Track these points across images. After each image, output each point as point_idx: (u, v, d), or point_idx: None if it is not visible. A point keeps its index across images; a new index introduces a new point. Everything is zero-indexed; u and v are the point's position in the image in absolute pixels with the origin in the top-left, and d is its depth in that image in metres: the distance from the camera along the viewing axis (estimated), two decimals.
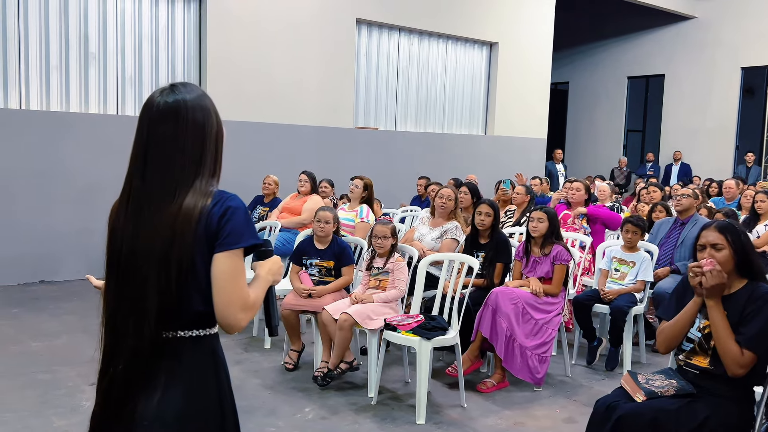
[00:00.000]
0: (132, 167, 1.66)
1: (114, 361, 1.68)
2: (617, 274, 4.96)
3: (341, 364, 4.30)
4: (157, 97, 1.66)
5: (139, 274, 1.61)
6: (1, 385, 4.12)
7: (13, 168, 6.78)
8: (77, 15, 7.30)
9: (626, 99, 15.41)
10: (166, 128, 1.63)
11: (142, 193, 1.64)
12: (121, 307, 1.66)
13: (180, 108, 1.64)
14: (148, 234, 1.61)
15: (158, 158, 1.63)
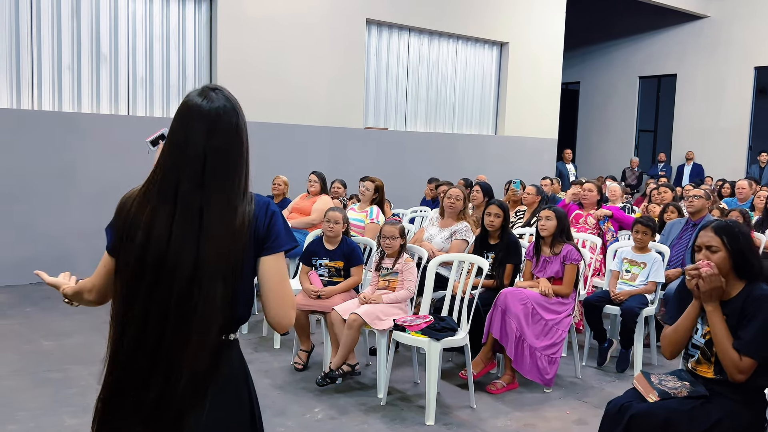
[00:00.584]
0: (177, 172, 1.60)
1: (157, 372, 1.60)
2: (628, 275, 4.93)
3: (344, 366, 4.29)
4: (204, 102, 1.64)
5: (192, 280, 1.57)
6: (14, 384, 4.15)
7: (25, 168, 6.83)
8: (89, 16, 7.35)
9: (638, 99, 15.33)
10: (223, 136, 1.64)
11: (195, 199, 1.59)
12: (165, 315, 1.58)
13: (232, 115, 1.66)
14: (207, 241, 1.58)
15: (216, 166, 1.62)
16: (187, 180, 1.60)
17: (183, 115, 1.64)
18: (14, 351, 4.78)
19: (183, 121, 1.64)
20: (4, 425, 3.55)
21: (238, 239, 1.61)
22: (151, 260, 1.59)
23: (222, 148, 1.63)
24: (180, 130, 1.64)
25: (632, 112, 15.37)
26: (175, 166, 1.61)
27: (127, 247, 1.63)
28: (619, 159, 15.03)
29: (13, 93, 6.97)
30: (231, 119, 1.65)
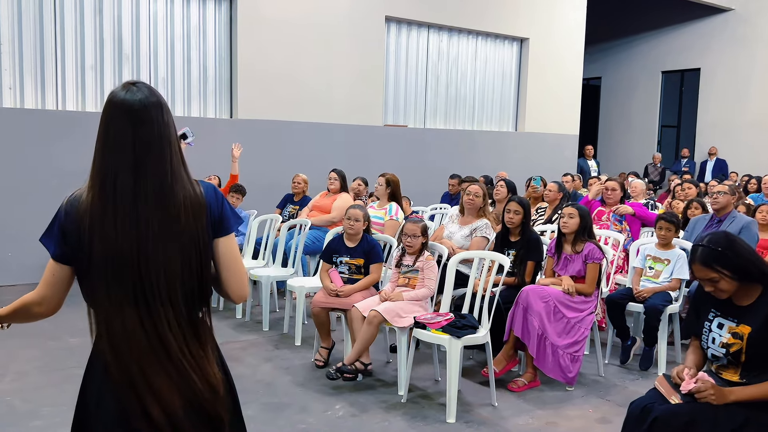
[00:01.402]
0: (111, 166, 1.66)
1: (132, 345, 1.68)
2: (651, 272, 4.87)
3: (357, 363, 4.28)
4: (128, 95, 1.67)
5: (162, 268, 1.66)
6: (40, 380, 4.22)
7: (50, 168, 6.93)
8: (111, 16, 7.43)
9: (660, 94, 15.13)
10: (151, 126, 1.68)
11: (138, 190, 1.65)
12: (140, 301, 1.66)
13: (157, 105, 1.70)
14: (164, 227, 1.66)
15: (151, 154, 1.67)
16: (124, 171, 1.65)
17: (110, 111, 1.68)
18: (39, 348, 4.85)
19: (111, 116, 1.68)
20: (30, 420, 3.61)
21: (197, 221, 1.70)
22: (114, 256, 1.64)
23: (152, 137, 1.67)
24: (109, 126, 1.68)
25: (654, 108, 15.17)
26: (109, 161, 1.66)
27: (90, 250, 1.65)
28: (642, 155, 14.85)
29: (38, 94, 7.08)
30: (162, 108, 1.71)
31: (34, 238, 6.42)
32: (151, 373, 1.67)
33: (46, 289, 1.74)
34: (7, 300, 2.15)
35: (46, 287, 1.74)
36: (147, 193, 1.66)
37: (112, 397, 1.70)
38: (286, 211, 7.17)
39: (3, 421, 3.61)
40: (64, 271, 1.72)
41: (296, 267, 5.83)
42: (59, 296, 1.75)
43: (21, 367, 4.43)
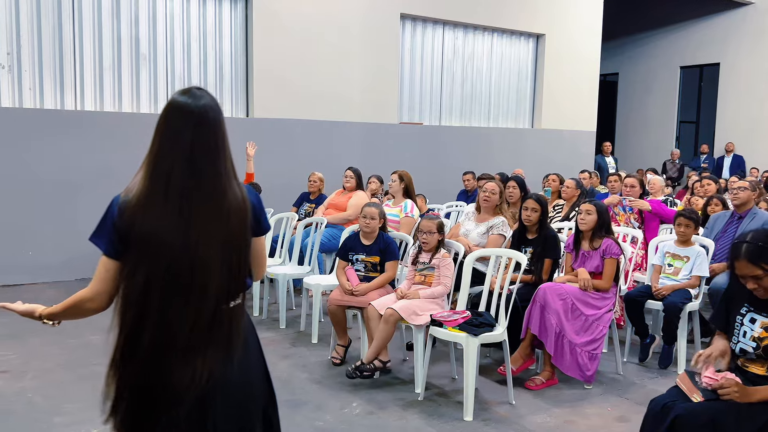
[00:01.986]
0: (169, 165, 1.74)
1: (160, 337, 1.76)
2: (671, 269, 4.82)
3: (375, 361, 4.28)
4: (189, 99, 1.78)
5: (210, 263, 1.75)
6: (62, 377, 4.27)
7: (69, 167, 7.01)
8: (128, 17, 7.49)
9: (679, 89, 14.96)
10: (207, 129, 1.78)
11: (194, 190, 1.75)
12: (177, 289, 1.74)
13: (216, 109, 1.81)
14: (215, 227, 1.76)
15: (207, 157, 1.77)
16: (180, 172, 1.74)
17: (169, 113, 1.78)
18: (60, 345, 4.91)
19: (170, 118, 1.77)
20: (51, 417, 3.65)
21: (243, 221, 1.82)
22: (165, 251, 1.73)
23: (208, 140, 1.78)
24: (168, 127, 1.77)
25: (673, 103, 15.01)
26: (167, 161, 1.75)
27: (141, 246, 1.73)
28: (660, 151, 14.70)
29: (57, 94, 7.16)
30: (217, 113, 1.81)
31: (53, 238, 6.56)
32: (178, 359, 1.76)
33: (99, 285, 1.80)
34: (26, 298, 2.18)
35: (100, 283, 1.80)
36: (202, 194, 1.75)
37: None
38: (303, 209, 7.19)
39: (26, 417, 3.66)
40: (116, 267, 1.78)
41: (312, 265, 5.84)
42: (112, 292, 1.81)
43: (42, 365, 4.49)
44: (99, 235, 1.80)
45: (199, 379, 1.76)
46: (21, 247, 6.83)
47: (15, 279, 6.82)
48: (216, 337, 1.80)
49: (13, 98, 6.93)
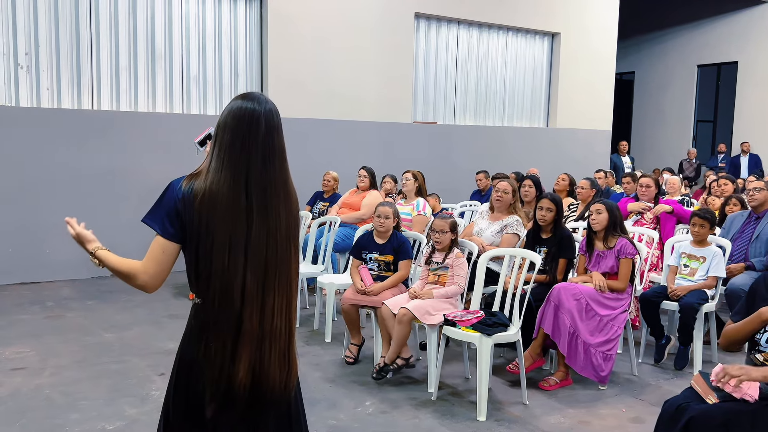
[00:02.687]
0: (244, 162, 1.86)
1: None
2: (687, 269, 4.78)
3: (398, 360, 4.30)
4: (256, 105, 1.91)
5: (280, 248, 1.89)
6: (76, 374, 4.31)
7: (85, 166, 7.08)
8: (145, 17, 7.55)
9: (696, 88, 14.80)
10: (275, 131, 1.92)
11: (269, 186, 1.89)
12: (255, 277, 1.85)
13: (278, 113, 1.96)
14: (281, 214, 1.90)
15: (275, 157, 1.91)
16: (257, 164, 1.87)
17: (242, 116, 1.89)
18: (77, 343, 4.96)
19: (242, 123, 1.88)
20: (67, 414, 3.69)
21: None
22: (240, 238, 1.84)
23: (274, 142, 1.92)
24: (242, 127, 1.88)
25: (690, 102, 14.85)
26: (240, 159, 1.86)
27: (214, 229, 1.83)
28: (676, 150, 14.55)
29: (74, 94, 7.23)
30: (277, 117, 1.95)
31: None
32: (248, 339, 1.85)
33: (152, 265, 1.87)
34: (45, 296, 2.21)
35: (153, 263, 1.87)
36: (276, 186, 1.90)
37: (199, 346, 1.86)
38: (316, 208, 7.21)
39: (42, 413, 3.70)
40: (172, 248, 1.87)
41: (326, 264, 5.85)
42: (164, 273, 1.88)
43: (59, 362, 4.54)
44: (154, 217, 1.87)
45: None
46: (39, 246, 6.90)
47: (34, 277, 6.89)
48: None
49: (31, 98, 7.01)
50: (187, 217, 1.84)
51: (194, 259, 1.86)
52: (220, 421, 1.87)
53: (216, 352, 1.82)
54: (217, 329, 1.83)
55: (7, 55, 6.85)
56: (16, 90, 6.93)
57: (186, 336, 1.93)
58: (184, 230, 1.85)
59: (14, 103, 6.91)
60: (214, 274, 1.82)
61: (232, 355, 1.83)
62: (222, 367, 1.82)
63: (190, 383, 1.88)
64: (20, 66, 6.92)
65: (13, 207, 6.77)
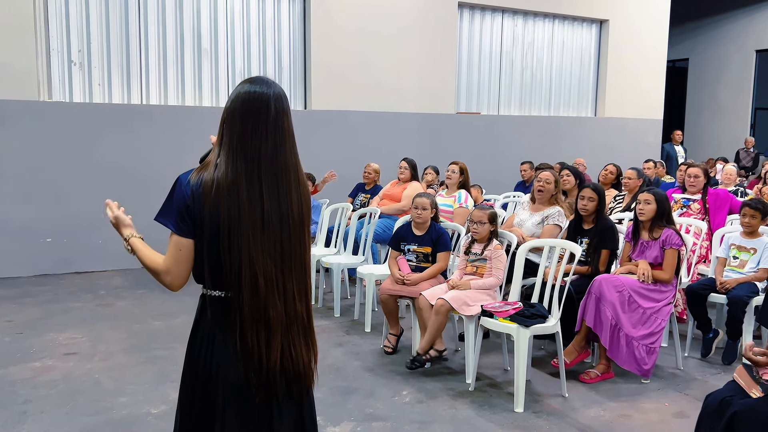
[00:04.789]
0: (254, 148, 1.84)
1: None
2: (736, 261, 4.62)
3: (431, 351, 4.29)
4: (263, 88, 1.88)
5: (294, 232, 1.89)
6: (125, 360, 4.47)
7: (135, 159, 7.29)
8: (191, 13, 7.71)
9: (754, 74, 14.21)
10: (283, 114, 1.89)
11: (279, 171, 1.87)
12: (275, 263, 1.86)
13: (285, 96, 1.93)
14: (293, 198, 1.89)
15: (285, 142, 1.89)
16: (267, 152, 1.85)
17: (250, 101, 1.86)
18: (126, 330, 5.14)
19: (251, 108, 1.86)
20: (115, 398, 3.83)
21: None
22: (256, 219, 1.83)
23: (282, 125, 1.89)
24: (251, 113, 1.85)
25: (748, 89, 14.28)
26: (251, 144, 1.84)
27: (231, 226, 1.81)
28: (733, 139, 14.02)
29: (124, 89, 7.45)
30: (285, 101, 1.93)
31: None
32: (277, 321, 1.87)
33: (172, 264, 1.86)
34: (98, 285, 2.29)
35: (172, 261, 1.86)
36: (287, 170, 1.88)
37: (232, 340, 1.86)
38: (358, 200, 7.24)
39: (92, 396, 3.85)
40: (188, 244, 1.85)
41: (366, 255, 5.89)
42: (186, 270, 1.87)
43: (109, 348, 4.71)
44: (166, 214, 1.85)
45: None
46: (92, 236, 7.16)
47: (87, 266, 7.16)
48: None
49: (84, 94, 7.26)
50: (198, 211, 1.81)
51: (214, 254, 1.82)
52: (230, 418, 1.88)
53: (253, 342, 1.83)
54: (251, 319, 1.83)
55: (61, 53, 7.10)
56: (69, 86, 7.19)
57: (201, 330, 1.93)
58: (196, 225, 1.82)
59: (68, 99, 7.17)
60: (243, 265, 1.80)
61: (267, 341, 1.84)
62: (260, 356, 1.83)
63: (205, 377, 1.89)
64: (73, 63, 7.17)
65: (68, 199, 7.04)
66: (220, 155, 1.86)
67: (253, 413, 1.89)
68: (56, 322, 5.32)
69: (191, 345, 1.96)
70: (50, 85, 7.08)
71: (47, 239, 7.00)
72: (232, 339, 1.85)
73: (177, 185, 1.86)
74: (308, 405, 2.01)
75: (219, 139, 1.89)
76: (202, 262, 1.86)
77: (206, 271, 1.85)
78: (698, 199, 5.63)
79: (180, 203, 1.83)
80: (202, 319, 1.93)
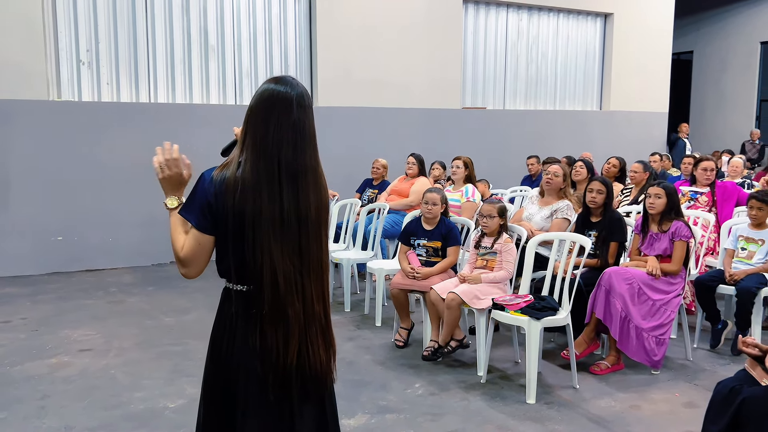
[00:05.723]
0: (278, 149, 1.86)
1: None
2: (744, 253, 4.64)
3: (451, 342, 4.36)
4: (287, 89, 1.91)
5: (312, 233, 1.91)
6: (139, 356, 4.52)
7: (144, 157, 7.31)
8: (198, 11, 7.74)
9: (759, 66, 14.19)
10: (305, 114, 1.92)
11: (299, 169, 1.89)
12: (292, 261, 1.88)
13: (308, 96, 1.96)
14: (311, 199, 1.91)
15: (305, 142, 1.91)
16: (289, 149, 1.87)
17: (273, 101, 1.89)
18: (138, 326, 5.19)
19: (274, 106, 1.88)
20: (131, 392, 3.88)
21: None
22: (279, 218, 1.86)
23: (305, 125, 1.92)
24: (271, 113, 1.88)
25: (753, 81, 14.26)
26: (272, 144, 1.86)
27: (253, 224, 1.84)
28: (739, 131, 14.01)
29: (132, 88, 7.50)
30: (310, 100, 1.96)
31: (131, 224, 6.95)
32: (296, 320, 1.90)
33: (190, 257, 1.89)
34: (108, 282, 2.33)
35: (191, 255, 1.89)
36: (306, 172, 1.90)
37: (252, 336, 1.89)
38: (366, 195, 7.28)
39: (108, 391, 3.90)
40: (208, 240, 1.89)
41: (375, 250, 5.93)
42: (202, 264, 1.92)
43: (122, 344, 4.76)
44: (189, 209, 1.89)
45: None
46: (103, 234, 7.22)
47: (97, 264, 7.22)
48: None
49: (93, 92, 7.30)
50: (221, 208, 1.84)
51: (238, 250, 1.86)
52: (252, 408, 1.91)
53: (272, 341, 1.86)
54: (271, 317, 1.86)
55: (69, 52, 7.15)
56: (78, 85, 7.24)
57: (224, 324, 1.96)
58: (217, 222, 1.86)
59: (77, 98, 7.22)
60: (264, 264, 1.83)
61: (285, 340, 1.87)
62: (278, 353, 1.86)
63: (228, 370, 1.93)
64: (82, 62, 7.22)
65: (78, 198, 7.10)
66: (243, 153, 1.89)
67: (274, 407, 1.92)
68: (69, 319, 5.38)
69: (214, 338, 2.00)
70: (59, 85, 7.13)
71: (58, 237, 7.06)
72: (253, 334, 1.89)
73: (200, 182, 1.90)
74: (330, 402, 2.05)
75: (242, 137, 1.92)
76: (225, 256, 1.90)
77: (231, 266, 1.89)
78: (706, 191, 5.66)
79: (202, 200, 1.87)
80: (226, 312, 1.96)
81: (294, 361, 1.88)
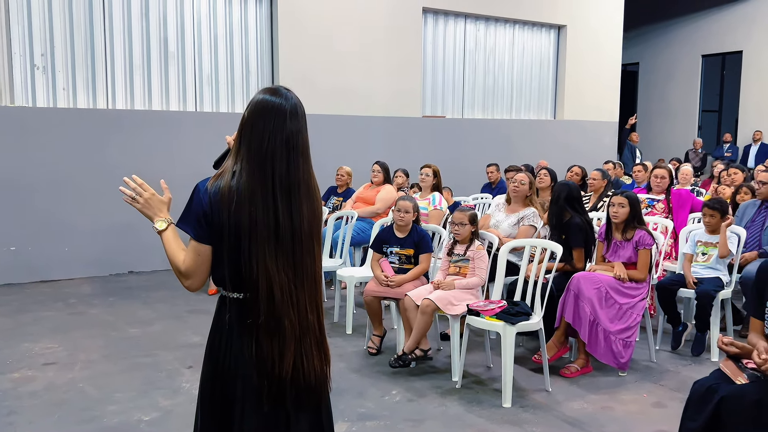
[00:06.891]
0: (269, 158, 1.87)
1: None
2: (704, 257, 4.86)
3: (416, 351, 4.39)
4: (281, 101, 1.92)
5: (305, 246, 1.92)
6: (108, 368, 4.40)
7: (102, 164, 7.16)
8: (157, 17, 7.61)
9: (701, 78, 14.83)
10: (299, 126, 1.94)
11: (293, 180, 1.90)
12: (292, 277, 1.90)
13: (302, 107, 1.97)
14: (304, 212, 1.92)
15: (298, 154, 1.93)
16: (281, 162, 1.89)
17: (268, 112, 1.90)
18: (103, 338, 5.05)
19: (268, 119, 1.90)
20: (104, 405, 3.78)
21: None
22: (273, 227, 1.87)
23: (298, 137, 1.94)
24: (265, 124, 1.90)
25: (695, 92, 14.89)
26: (265, 154, 1.88)
27: (250, 233, 1.85)
28: (682, 141, 14.60)
29: (89, 94, 7.31)
30: (303, 111, 1.97)
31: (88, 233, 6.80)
32: (291, 332, 1.91)
33: (192, 268, 1.90)
34: (68, 293, 2.28)
35: (193, 266, 1.90)
36: (299, 185, 1.92)
37: (248, 346, 1.90)
38: (330, 203, 7.28)
39: (79, 405, 3.79)
40: (206, 250, 1.90)
41: (344, 257, 5.94)
42: (204, 274, 1.92)
43: (88, 356, 4.63)
44: (186, 221, 1.90)
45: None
46: (58, 244, 6.99)
47: (53, 275, 6.98)
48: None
49: (48, 98, 7.09)
50: (216, 218, 1.85)
51: (233, 258, 1.86)
52: (249, 414, 1.92)
53: (268, 351, 1.87)
54: (267, 328, 1.87)
55: (23, 57, 6.92)
56: (32, 91, 7.01)
57: (220, 331, 1.96)
58: (213, 231, 1.87)
59: (32, 104, 6.99)
60: (260, 274, 1.85)
61: (280, 351, 1.88)
62: (273, 363, 1.87)
63: (224, 376, 1.94)
64: (36, 67, 7.00)
65: (31, 206, 6.86)
66: (237, 163, 1.89)
67: (270, 413, 1.93)
68: (29, 331, 5.20)
69: (210, 345, 2.00)
70: (12, 90, 6.89)
71: (11, 247, 6.81)
72: (249, 344, 1.90)
73: (195, 193, 1.91)
74: (326, 411, 2.08)
75: (236, 147, 1.93)
76: (220, 265, 1.90)
77: (227, 274, 1.90)
78: (662, 198, 5.89)
79: (198, 210, 1.88)
80: (222, 319, 1.97)
81: (289, 372, 1.89)
